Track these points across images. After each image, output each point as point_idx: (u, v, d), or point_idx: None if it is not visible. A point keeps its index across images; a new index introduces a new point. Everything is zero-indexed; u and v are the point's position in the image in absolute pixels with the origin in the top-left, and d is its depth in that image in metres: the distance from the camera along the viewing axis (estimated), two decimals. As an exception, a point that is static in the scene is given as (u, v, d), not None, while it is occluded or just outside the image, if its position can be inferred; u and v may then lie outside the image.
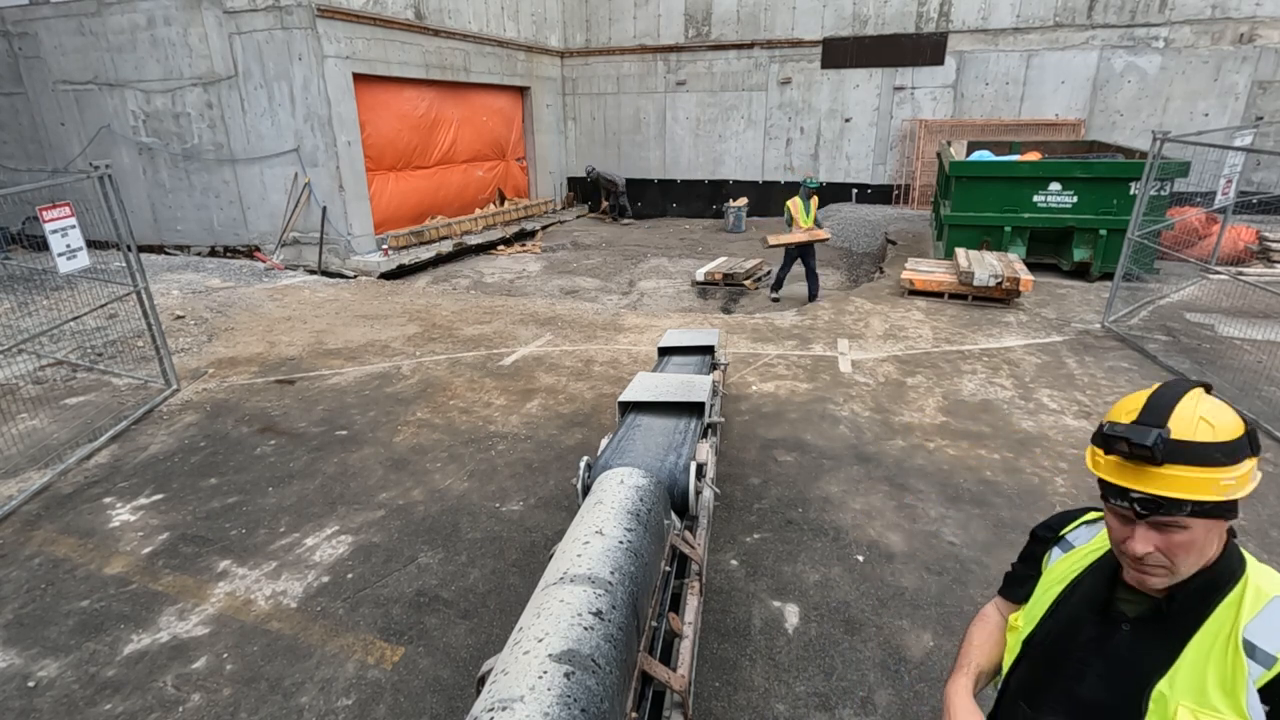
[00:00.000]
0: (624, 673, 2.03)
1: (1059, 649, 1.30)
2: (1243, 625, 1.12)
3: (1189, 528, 1.11)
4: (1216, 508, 1.10)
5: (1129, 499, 1.12)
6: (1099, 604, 1.27)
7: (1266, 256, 10.16)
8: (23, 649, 3.34)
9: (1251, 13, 12.65)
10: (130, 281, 5.96)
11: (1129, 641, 1.21)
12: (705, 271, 10.89)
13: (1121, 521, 1.17)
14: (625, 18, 16.82)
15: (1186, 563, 1.14)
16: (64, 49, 11.98)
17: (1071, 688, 1.26)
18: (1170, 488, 1.08)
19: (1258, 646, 1.10)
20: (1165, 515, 1.10)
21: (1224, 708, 1.10)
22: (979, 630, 1.55)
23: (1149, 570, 1.15)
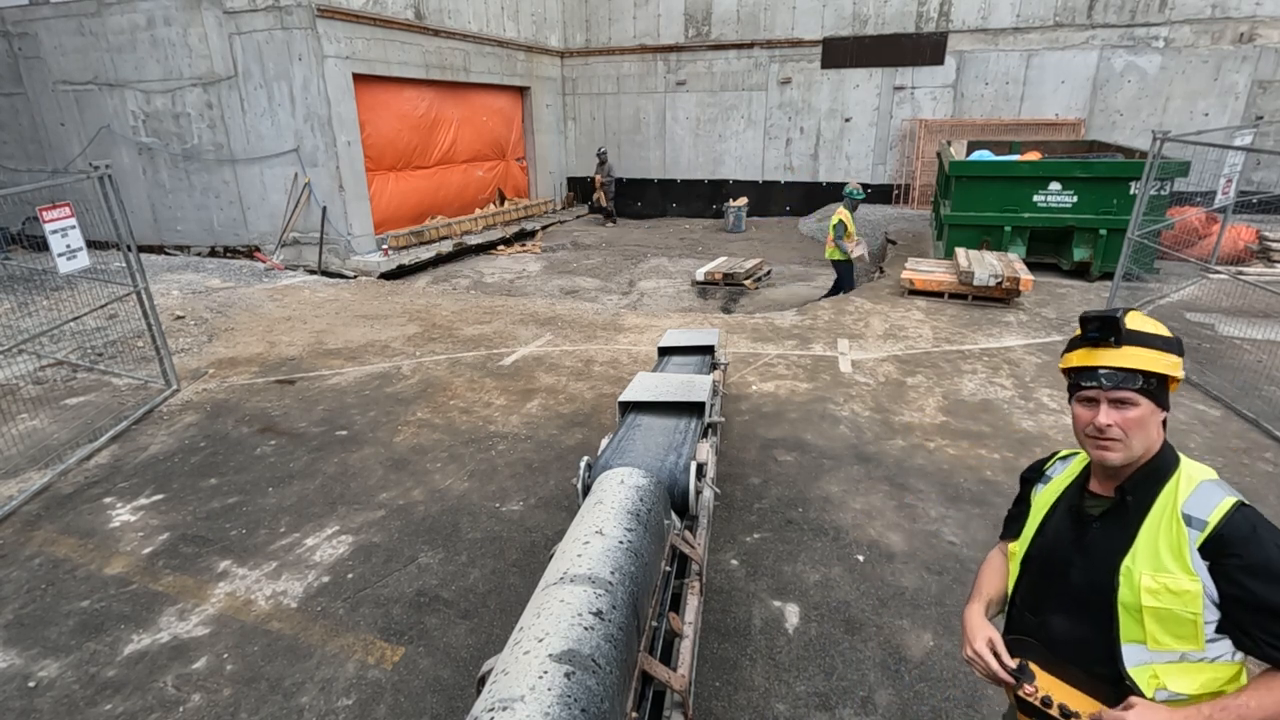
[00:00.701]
0: (624, 672, 2.03)
1: (1048, 558, 1.60)
2: (1180, 503, 1.43)
3: (1139, 405, 1.44)
4: (1159, 388, 1.46)
5: (1097, 376, 1.46)
6: (1074, 513, 1.58)
7: (1266, 256, 10.16)
8: (23, 649, 3.34)
9: (1251, 12, 12.64)
10: (130, 282, 5.96)
11: (1098, 535, 1.51)
12: (705, 271, 10.89)
13: (1087, 406, 1.49)
14: (625, 18, 16.82)
15: (1137, 438, 1.45)
16: (64, 49, 11.98)
17: (1062, 585, 1.55)
18: (1128, 361, 1.44)
19: (1193, 516, 1.40)
20: (1124, 388, 1.43)
21: (1175, 569, 1.39)
22: (987, 567, 1.81)
23: (1109, 445, 1.46)
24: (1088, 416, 1.48)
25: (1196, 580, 1.36)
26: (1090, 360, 1.48)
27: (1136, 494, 1.48)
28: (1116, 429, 1.44)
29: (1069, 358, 1.56)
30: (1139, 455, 1.47)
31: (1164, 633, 1.40)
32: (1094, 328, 1.49)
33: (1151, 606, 1.39)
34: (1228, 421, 5.46)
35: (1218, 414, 5.59)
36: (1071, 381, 1.55)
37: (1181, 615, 1.38)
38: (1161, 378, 1.46)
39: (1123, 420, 1.44)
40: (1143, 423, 1.44)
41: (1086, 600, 1.50)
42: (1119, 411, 1.44)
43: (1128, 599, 1.43)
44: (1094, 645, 1.49)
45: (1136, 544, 1.44)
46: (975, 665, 1.57)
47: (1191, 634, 1.38)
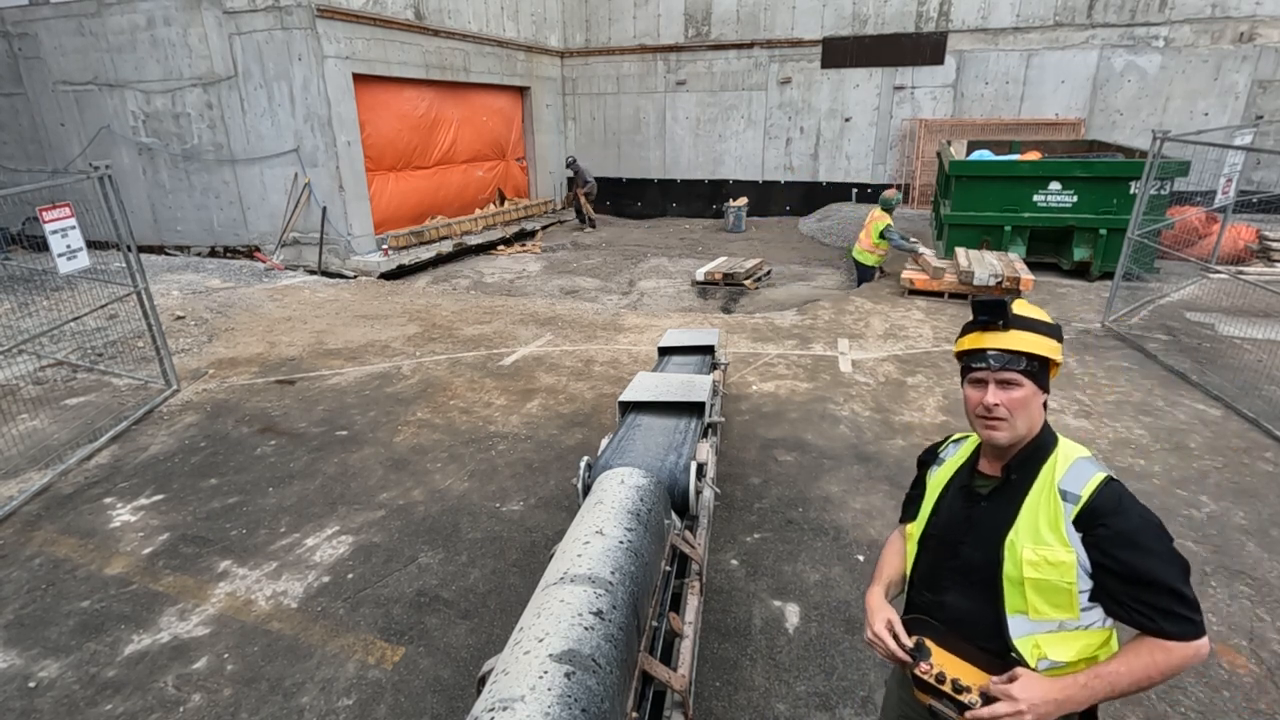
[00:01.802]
0: (624, 672, 2.03)
1: (942, 536, 1.69)
2: (1058, 479, 1.53)
3: (1023, 386, 1.55)
4: (1040, 371, 1.57)
5: (986, 358, 1.57)
6: (965, 492, 1.68)
7: (1267, 256, 10.16)
8: (23, 649, 3.34)
9: (1251, 12, 12.64)
10: (130, 282, 5.96)
11: (986, 512, 1.61)
12: (705, 271, 10.89)
13: (976, 388, 1.60)
14: (625, 18, 16.82)
15: (1021, 418, 1.56)
16: (64, 49, 11.98)
17: (954, 562, 1.64)
18: (1014, 344, 1.55)
19: (1068, 491, 1.51)
20: (1010, 369, 1.54)
21: (1053, 541, 1.49)
22: (888, 550, 1.91)
23: (995, 424, 1.57)
24: (977, 397, 1.59)
25: (1072, 551, 1.47)
26: (980, 343, 1.60)
27: (1020, 472, 1.59)
28: (1003, 408, 1.55)
29: (961, 342, 1.67)
30: (1023, 434, 1.57)
31: (1043, 603, 1.50)
32: (984, 312, 1.60)
33: (1032, 578, 1.49)
34: (1228, 421, 5.46)
35: (1218, 413, 5.59)
36: (964, 365, 1.65)
37: (1059, 585, 1.47)
38: (1043, 361, 1.58)
39: (1008, 400, 1.55)
40: (1026, 403, 1.55)
41: (976, 575, 1.59)
42: (1005, 392, 1.55)
43: (1011, 572, 1.52)
44: (983, 619, 1.58)
45: (1019, 519, 1.54)
46: (876, 647, 1.65)
47: (1068, 603, 1.48)
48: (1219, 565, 3.76)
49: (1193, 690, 2.97)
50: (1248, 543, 3.95)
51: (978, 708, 1.48)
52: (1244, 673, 3.06)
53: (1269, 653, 3.16)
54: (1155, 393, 6.00)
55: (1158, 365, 6.59)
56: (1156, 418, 5.53)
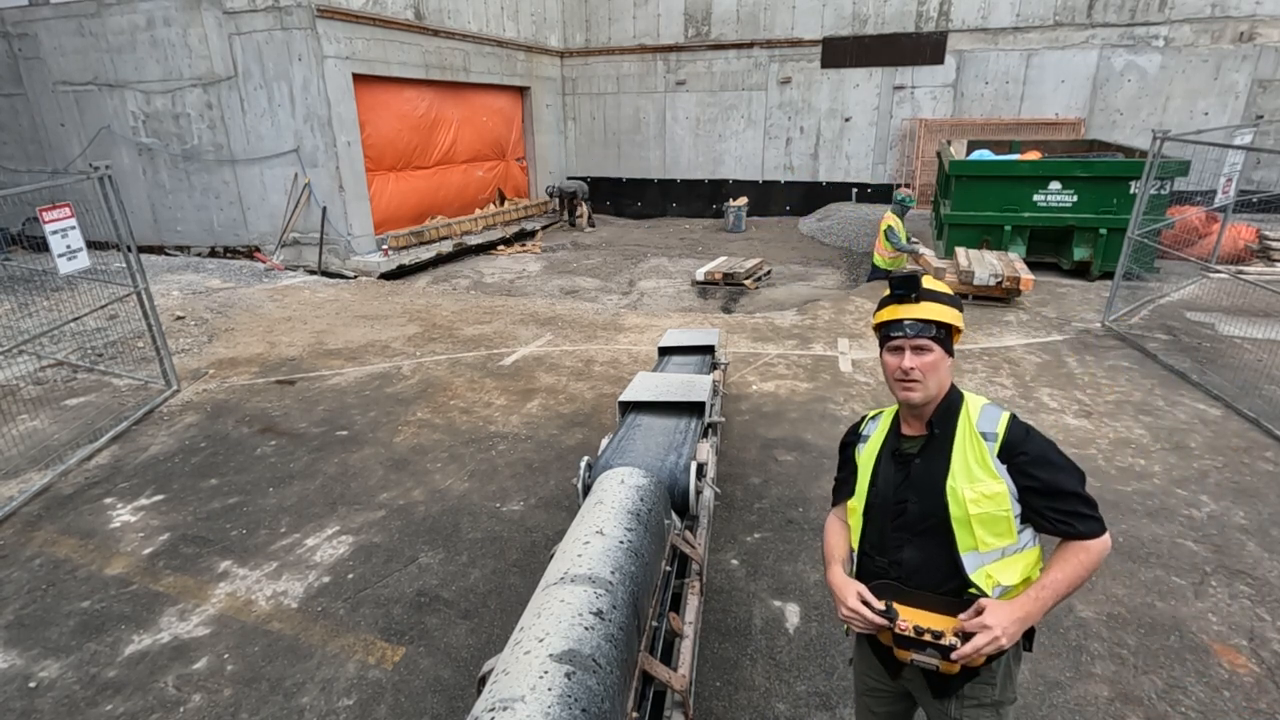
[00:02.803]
0: (625, 672, 2.03)
1: (885, 502, 1.83)
2: (975, 423, 1.76)
3: (933, 350, 1.75)
4: (947, 338, 1.79)
5: (902, 327, 1.77)
6: (897, 457, 1.84)
7: (1267, 255, 10.16)
8: (24, 649, 3.34)
9: (1251, 11, 12.64)
10: (130, 282, 5.96)
11: (921, 468, 1.78)
12: (705, 271, 10.89)
13: (894, 354, 1.79)
14: (625, 17, 16.82)
15: (933, 379, 1.75)
16: (64, 50, 11.98)
17: (902, 521, 1.78)
18: (925, 313, 1.77)
19: (986, 432, 1.74)
20: (923, 336, 1.74)
21: (984, 476, 1.70)
22: (830, 534, 2.03)
23: (912, 386, 1.75)
24: (895, 362, 1.78)
25: (1001, 481, 1.67)
26: (896, 314, 1.80)
27: (941, 426, 1.78)
28: (918, 371, 1.74)
29: (880, 314, 1.86)
30: (934, 394, 1.77)
31: (988, 534, 1.68)
32: (900, 286, 1.82)
33: (976, 514, 1.67)
34: (1228, 420, 5.46)
35: (1218, 413, 5.59)
36: (881, 335, 1.84)
37: (997, 515, 1.67)
38: (948, 328, 1.79)
39: (921, 364, 1.74)
40: (936, 366, 1.76)
41: (925, 525, 1.75)
42: (919, 357, 1.75)
43: (957, 513, 1.69)
44: (940, 564, 1.73)
45: (953, 466, 1.73)
46: (853, 621, 1.74)
47: (1007, 529, 1.68)
48: (1219, 565, 3.76)
49: (1193, 690, 2.97)
50: (1248, 542, 3.95)
51: (960, 647, 1.60)
52: (1244, 672, 3.06)
53: (1269, 652, 3.16)
54: (1155, 392, 6.00)
55: (1158, 365, 6.58)
56: (1157, 417, 5.53)
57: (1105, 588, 3.60)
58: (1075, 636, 3.27)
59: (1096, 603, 3.49)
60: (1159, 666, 3.10)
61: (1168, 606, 3.46)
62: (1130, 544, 3.95)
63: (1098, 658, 3.15)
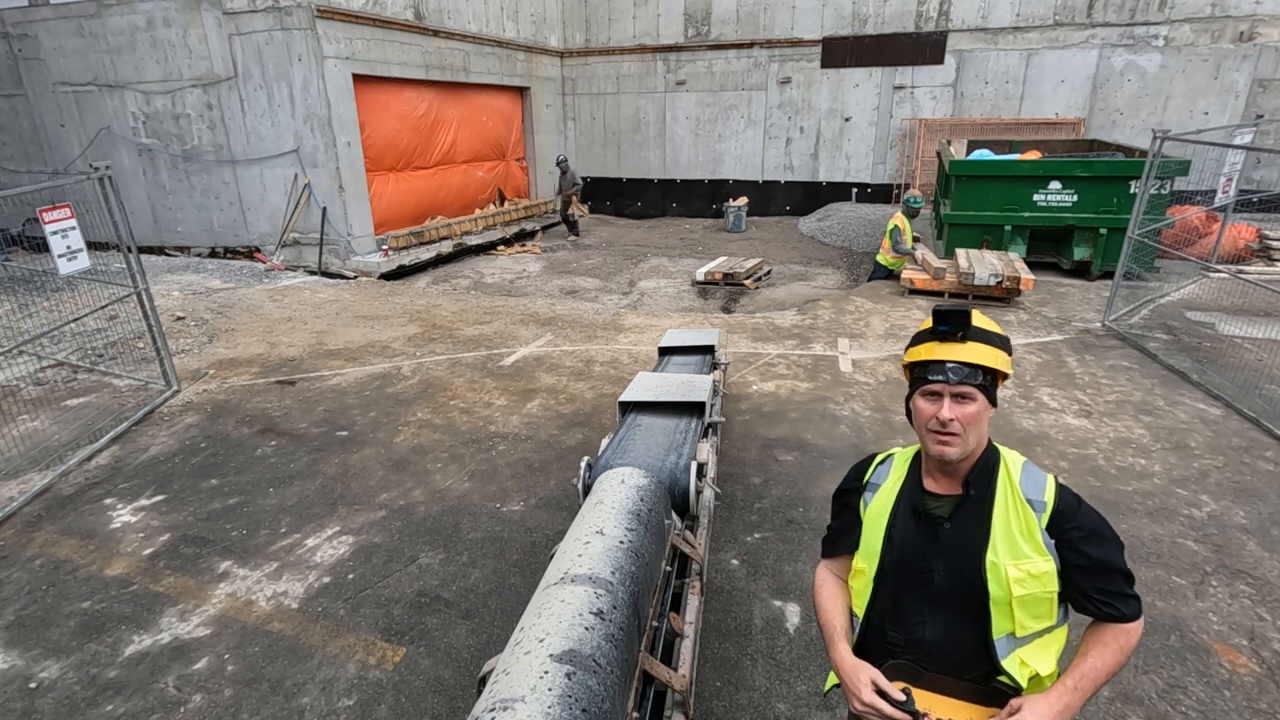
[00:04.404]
0: (625, 672, 2.03)
1: (906, 568, 1.57)
2: (1019, 488, 1.52)
3: (976, 400, 1.49)
4: (992, 385, 1.53)
5: (944, 370, 1.50)
6: (920, 516, 1.58)
7: (1267, 255, 10.15)
8: (24, 650, 3.34)
9: (1251, 10, 12.64)
10: (131, 283, 5.96)
11: (953, 533, 1.53)
12: (705, 271, 10.89)
13: (930, 401, 1.53)
14: (625, 18, 16.82)
15: (974, 433, 1.50)
16: (64, 50, 11.98)
17: (927, 592, 1.55)
18: (973, 356, 1.50)
19: (1033, 500, 1.50)
20: (967, 383, 1.48)
21: (1031, 552, 1.47)
22: (826, 599, 1.74)
23: (948, 440, 1.49)
24: (931, 410, 1.52)
25: (1050, 560, 1.46)
26: (937, 354, 1.53)
27: (979, 487, 1.54)
28: (957, 423, 1.48)
29: (917, 351, 1.59)
30: (972, 449, 1.53)
31: (1028, 616, 1.48)
32: (946, 322, 1.54)
33: (1020, 595, 1.46)
34: (1228, 420, 5.46)
35: (1218, 413, 5.58)
36: (917, 375, 1.57)
37: (1042, 596, 1.46)
38: (994, 374, 1.53)
39: (963, 415, 1.49)
40: (979, 418, 1.50)
41: (955, 602, 1.52)
42: (960, 406, 1.50)
43: (998, 593, 1.47)
44: (967, 645, 1.52)
45: (994, 536, 1.49)
46: (868, 716, 1.49)
47: (1048, 611, 1.49)
48: (1219, 565, 3.76)
49: (1194, 690, 2.97)
50: (1248, 542, 3.95)
51: None
52: (1245, 672, 3.06)
53: (1270, 652, 3.16)
54: (1156, 392, 5.99)
55: (1158, 364, 6.58)
56: (1157, 417, 5.53)
57: (1106, 587, 3.59)
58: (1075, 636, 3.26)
59: (1097, 602, 3.49)
60: (1159, 666, 3.10)
61: (1168, 606, 3.46)
62: (1130, 544, 3.94)
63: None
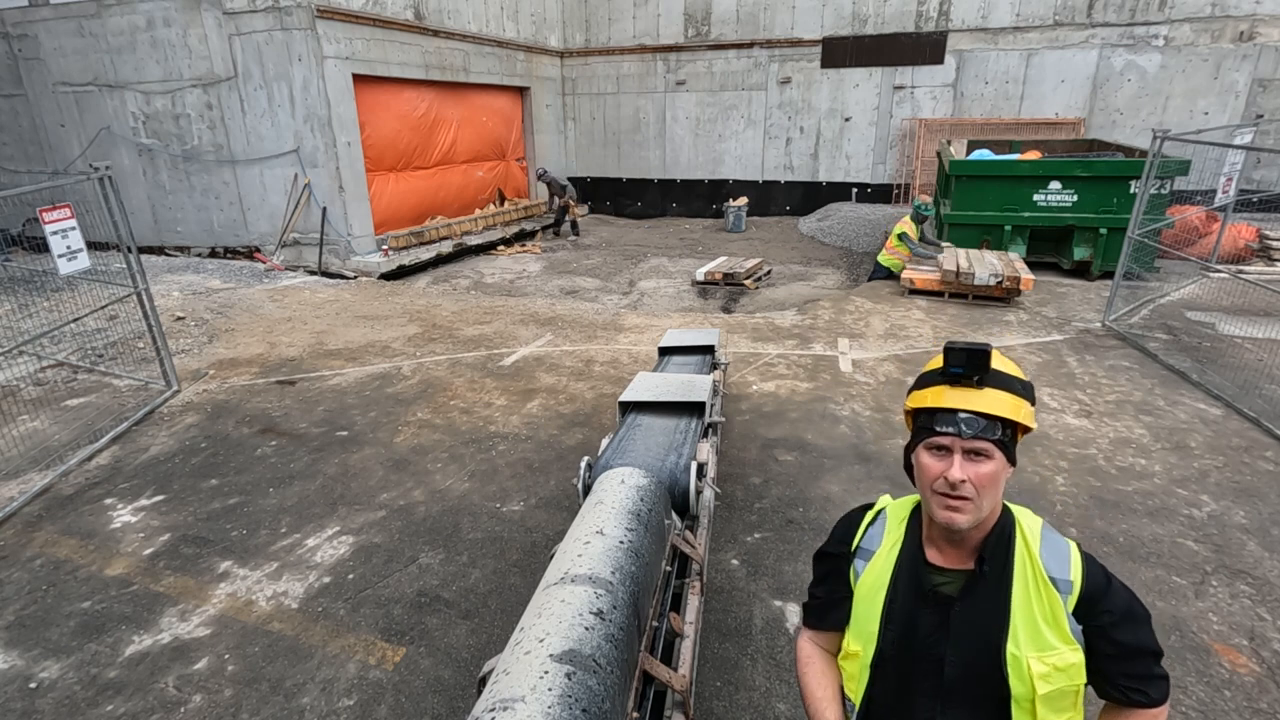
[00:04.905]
0: (625, 673, 2.03)
1: (910, 655, 1.36)
2: (1040, 564, 1.30)
3: (993, 458, 1.27)
4: (1012, 440, 1.30)
5: (957, 421, 1.27)
6: (926, 596, 1.35)
7: (1267, 255, 10.15)
8: (24, 650, 3.34)
9: (1251, 10, 12.64)
10: (131, 283, 5.96)
11: (965, 616, 1.32)
12: (705, 271, 10.89)
13: (938, 457, 1.29)
14: (625, 18, 16.82)
15: (988, 497, 1.27)
16: (64, 50, 11.98)
17: (935, 684, 1.34)
18: (991, 406, 1.27)
19: (1058, 579, 1.29)
20: (984, 438, 1.26)
21: (1057, 642, 1.27)
22: (813, 679, 1.54)
23: (959, 505, 1.27)
24: (938, 469, 1.28)
25: (1078, 649, 1.28)
26: (948, 401, 1.29)
27: (994, 561, 1.32)
28: (970, 486, 1.26)
29: (923, 395, 1.35)
30: (985, 516, 1.30)
31: (1052, 712, 1.29)
32: (961, 361, 1.29)
33: (1045, 693, 1.27)
34: (1228, 420, 5.46)
35: (1218, 413, 5.58)
36: (922, 425, 1.33)
37: (1067, 689, 1.28)
38: (1014, 428, 1.31)
39: (976, 475, 1.26)
40: (996, 480, 1.27)
41: (971, 696, 1.32)
42: (974, 465, 1.26)
43: (1020, 691, 1.28)
44: None
45: (1014, 622, 1.29)
46: None
47: (1073, 703, 1.30)
48: (1220, 564, 3.76)
49: (1194, 690, 2.97)
50: (1248, 542, 3.95)
51: None
52: (1245, 672, 3.06)
53: (1270, 652, 3.16)
54: (1156, 392, 5.99)
55: (1158, 364, 6.58)
56: (1157, 417, 5.53)
57: (1106, 587, 3.59)
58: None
59: (1097, 602, 3.49)
60: (1159, 666, 3.10)
61: (1168, 606, 3.46)
62: (1131, 544, 3.95)
63: (1098, 657, 3.15)
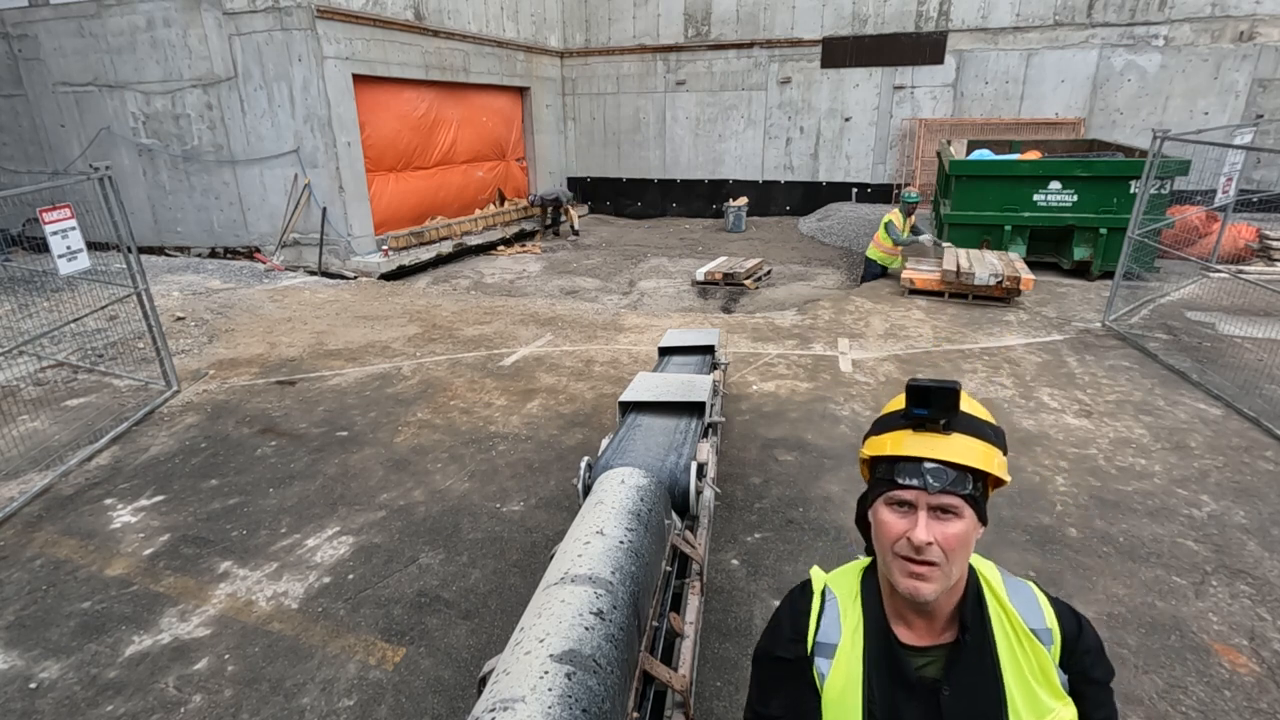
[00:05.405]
0: (625, 673, 2.03)
1: None
2: (1016, 616, 1.18)
3: (963, 516, 1.10)
4: (983, 495, 1.15)
5: (922, 473, 1.11)
6: (906, 686, 1.17)
7: (1267, 254, 10.16)
8: (24, 650, 3.34)
9: (1251, 10, 12.64)
10: (131, 283, 5.96)
11: (958, 700, 1.16)
12: (705, 271, 10.89)
13: (899, 514, 1.13)
14: (625, 18, 16.82)
15: (957, 561, 1.11)
16: (64, 51, 11.98)
17: None
18: (961, 454, 1.11)
19: (1036, 630, 1.17)
20: (952, 491, 1.09)
21: (1051, 700, 1.15)
22: None
23: (924, 572, 1.10)
24: (900, 528, 1.12)
25: (1070, 704, 1.17)
26: (915, 449, 1.13)
27: (975, 629, 1.17)
28: (937, 549, 1.09)
29: (881, 441, 1.19)
30: (954, 583, 1.13)
31: None
32: (926, 401, 1.13)
33: None
34: (1228, 420, 5.46)
35: (1218, 413, 5.58)
36: (880, 475, 1.17)
37: None
38: (985, 480, 1.16)
39: (944, 537, 1.09)
40: (966, 541, 1.11)
41: None
42: (941, 524, 1.10)
43: None
44: None
45: (1009, 692, 1.15)
46: None
47: None
48: (1219, 564, 3.76)
49: (1194, 690, 2.97)
50: (1248, 542, 3.95)
51: None
52: (1245, 672, 3.06)
53: (1270, 652, 3.16)
54: (1156, 392, 5.99)
55: (1158, 364, 6.58)
56: (1157, 417, 5.53)
57: (1105, 587, 3.59)
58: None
59: (1097, 602, 3.49)
60: (1159, 666, 3.10)
61: (1168, 606, 3.46)
62: (1131, 543, 3.95)
63: (1098, 657, 3.14)
